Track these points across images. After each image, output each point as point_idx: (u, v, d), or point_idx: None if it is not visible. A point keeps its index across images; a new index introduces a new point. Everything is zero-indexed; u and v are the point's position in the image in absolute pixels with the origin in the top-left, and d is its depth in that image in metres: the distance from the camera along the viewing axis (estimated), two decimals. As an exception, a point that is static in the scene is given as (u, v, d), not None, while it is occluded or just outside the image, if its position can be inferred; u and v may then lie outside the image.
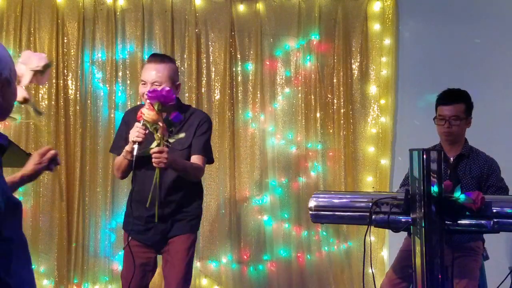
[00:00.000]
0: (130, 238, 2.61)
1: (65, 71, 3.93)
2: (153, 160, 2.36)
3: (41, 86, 3.89)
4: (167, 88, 2.36)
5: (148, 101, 2.34)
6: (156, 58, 2.61)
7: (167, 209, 2.60)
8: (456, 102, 2.82)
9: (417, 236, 1.93)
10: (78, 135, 3.90)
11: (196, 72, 4.01)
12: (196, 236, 2.73)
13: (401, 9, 4.13)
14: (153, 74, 2.52)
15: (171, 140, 2.39)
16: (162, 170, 2.46)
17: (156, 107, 2.31)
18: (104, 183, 3.92)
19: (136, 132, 2.38)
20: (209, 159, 2.77)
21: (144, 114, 2.32)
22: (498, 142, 3.68)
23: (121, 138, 2.64)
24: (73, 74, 3.93)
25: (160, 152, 2.36)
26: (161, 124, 2.33)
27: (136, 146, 2.38)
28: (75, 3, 3.94)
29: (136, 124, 2.40)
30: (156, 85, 2.50)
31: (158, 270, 2.81)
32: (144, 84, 2.54)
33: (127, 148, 2.48)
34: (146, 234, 2.63)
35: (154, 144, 2.37)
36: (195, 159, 2.63)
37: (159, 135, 2.35)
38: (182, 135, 2.47)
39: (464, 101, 2.84)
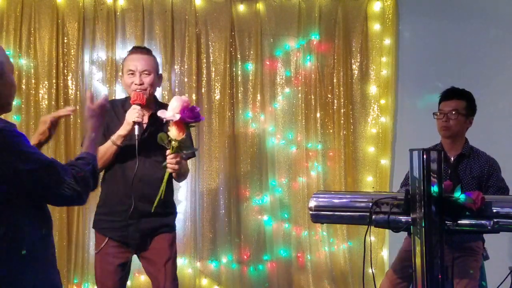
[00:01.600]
0: (107, 238, 2.55)
1: (65, 71, 3.93)
2: (169, 165, 2.39)
3: (41, 86, 3.90)
4: (198, 108, 2.38)
5: (173, 120, 2.32)
6: (142, 49, 2.66)
7: (147, 204, 2.50)
8: (457, 98, 2.85)
9: (417, 236, 1.93)
10: (78, 135, 3.90)
11: (196, 72, 4.01)
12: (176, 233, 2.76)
13: (401, 9, 4.14)
14: (142, 63, 2.55)
15: (185, 152, 2.46)
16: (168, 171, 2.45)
17: (186, 127, 2.35)
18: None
19: (136, 113, 2.42)
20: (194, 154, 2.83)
21: (170, 133, 2.34)
22: (498, 141, 3.68)
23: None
24: (73, 74, 3.93)
25: (174, 158, 2.40)
26: (178, 141, 2.36)
27: (137, 127, 2.43)
28: (75, 3, 3.94)
29: (133, 106, 2.45)
30: (146, 73, 2.55)
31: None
32: (132, 73, 2.54)
33: (121, 132, 2.45)
34: (125, 230, 2.52)
35: (170, 152, 2.39)
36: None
37: (175, 146, 2.37)
38: (192, 150, 2.60)
39: (466, 99, 2.86)
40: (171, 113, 2.32)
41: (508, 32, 3.91)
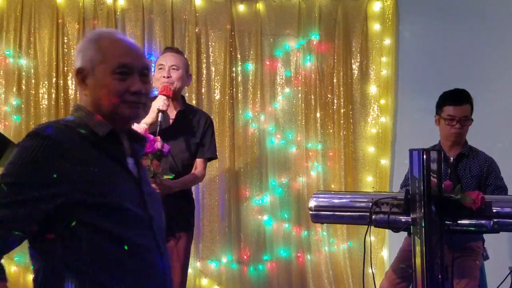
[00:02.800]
0: None
1: (65, 71, 3.93)
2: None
3: (41, 86, 3.90)
4: (154, 139, 2.47)
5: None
6: (173, 49, 2.87)
7: (172, 198, 2.59)
8: (465, 103, 2.79)
9: (417, 236, 1.93)
10: (78, 135, 3.90)
11: (196, 72, 4.01)
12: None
13: (401, 9, 4.13)
14: (172, 58, 2.73)
15: (165, 177, 2.55)
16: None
17: (151, 157, 2.47)
18: (104, 183, 3.91)
19: (161, 102, 2.56)
20: (215, 157, 2.99)
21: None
22: (498, 141, 3.69)
23: None
24: (73, 74, 3.92)
25: (153, 182, 2.45)
26: (152, 168, 2.48)
27: (161, 115, 2.56)
28: (75, 3, 3.93)
29: (160, 96, 2.60)
30: (174, 68, 2.70)
31: None
32: (162, 68, 2.71)
33: (147, 120, 2.55)
34: None
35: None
36: (201, 162, 2.83)
37: (152, 171, 2.48)
38: (169, 176, 2.61)
39: (470, 102, 2.82)
40: None
41: (508, 32, 3.91)
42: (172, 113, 2.73)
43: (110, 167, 1.40)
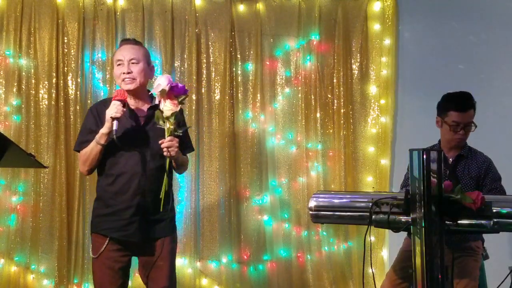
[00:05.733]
0: (108, 240, 2.49)
1: (65, 71, 3.92)
2: (167, 148, 2.38)
3: (41, 86, 3.90)
4: (182, 85, 2.42)
5: (165, 94, 2.35)
6: (130, 40, 2.63)
7: (151, 199, 2.49)
8: (470, 108, 2.77)
9: (417, 236, 1.93)
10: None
11: (196, 72, 4.01)
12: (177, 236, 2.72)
13: (401, 9, 4.14)
14: (131, 51, 2.52)
15: (179, 131, 2.43)
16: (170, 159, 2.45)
17: (179, 100, 2.38)
18: (104, 183, 3.90)
19: (115, 109, 2.37)
20: (192, 150, 2.84)
21: (164, 108, 2.35)
22: (499, 142, 3.69)
23: (89, 131, 2.52)
24: (73, 74, 3.92)
25: (172, 140, 2.39)
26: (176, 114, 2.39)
27: (115, 123, 2.37)
28: (75, 3, 3.94)
29: (113, 102, 2.40)
30: (134, 62, 2.50)
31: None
32: (121, 63, 2.51)
33: (104, 130, 2.40)
34: (128, 229, 2.47)
35: (166, 135, 2.40)
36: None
37: (171, 127, 2.38)
38: (181, 130, 2.48)
39: (474, 107, 2.80)
40: (162, 85, 2.33)
41: (508, 31, 3.91)
42: (141, 111, 2.55)
43: None
